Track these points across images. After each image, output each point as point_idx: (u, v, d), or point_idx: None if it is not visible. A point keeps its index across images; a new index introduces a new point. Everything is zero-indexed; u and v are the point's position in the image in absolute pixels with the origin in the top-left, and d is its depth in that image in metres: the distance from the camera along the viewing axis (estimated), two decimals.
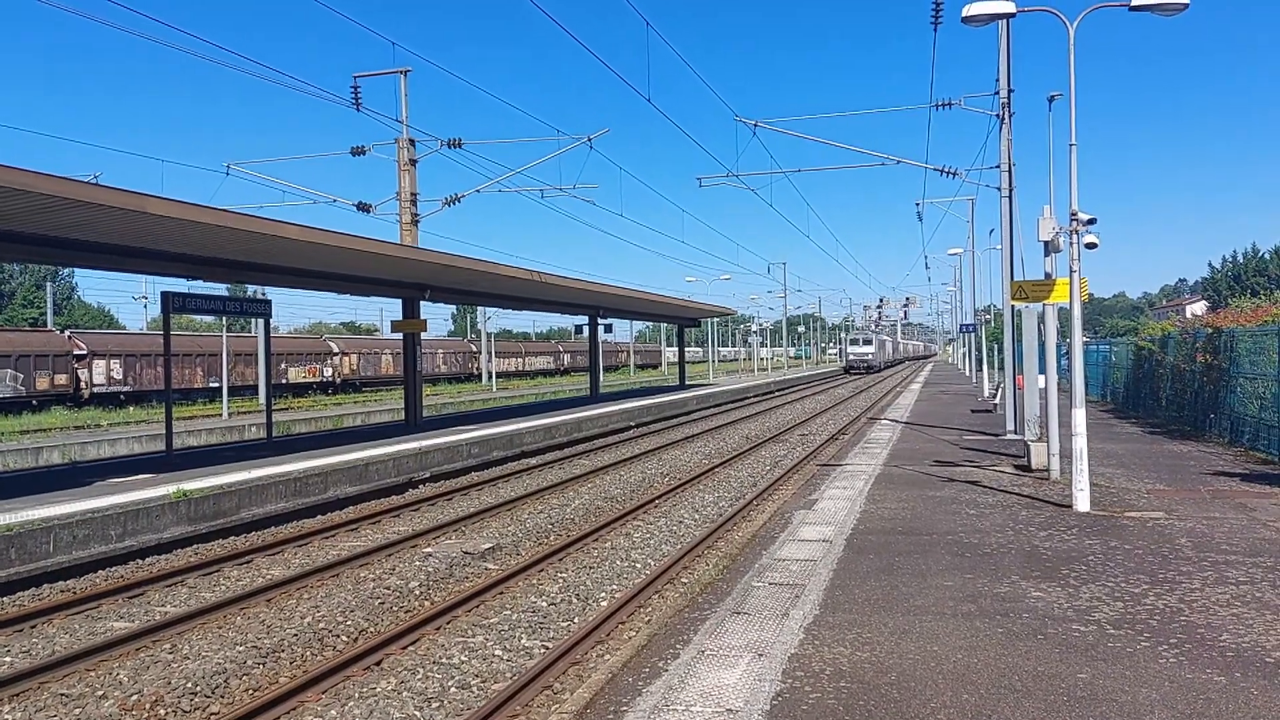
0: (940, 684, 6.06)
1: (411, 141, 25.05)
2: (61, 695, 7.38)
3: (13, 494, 13.54)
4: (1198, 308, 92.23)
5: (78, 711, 7.07)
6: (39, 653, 8.47)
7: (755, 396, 49.29)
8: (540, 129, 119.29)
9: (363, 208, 26.47)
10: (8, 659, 8.35)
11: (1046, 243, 13.65)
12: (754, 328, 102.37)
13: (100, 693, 7.40)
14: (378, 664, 7.91)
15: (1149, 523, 11.20)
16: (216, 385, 46.12)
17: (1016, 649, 6.72)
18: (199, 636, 8.81)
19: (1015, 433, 20.88)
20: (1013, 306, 20.99)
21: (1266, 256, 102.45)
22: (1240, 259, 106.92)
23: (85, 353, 43.73)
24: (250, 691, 7.41)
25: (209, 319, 66.43)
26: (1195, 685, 5.96)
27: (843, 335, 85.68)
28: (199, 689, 7.34)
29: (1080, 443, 12.00)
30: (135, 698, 7.21)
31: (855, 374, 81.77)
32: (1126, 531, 10.72)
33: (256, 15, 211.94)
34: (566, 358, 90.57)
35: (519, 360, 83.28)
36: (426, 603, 9.89)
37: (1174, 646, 6.72)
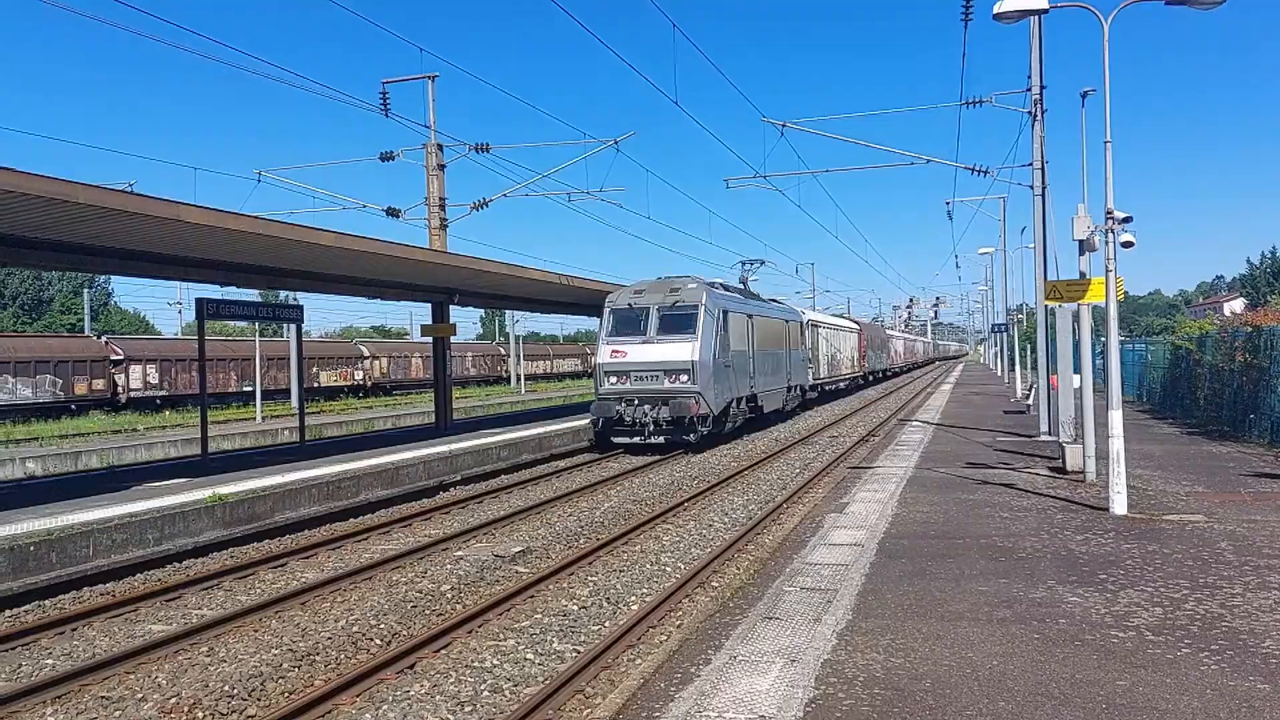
0: (976, 691, 6.00)
1: (439, 146, 25.21)
2: (102, 698, 7.51)
3: (53, 498, 13.80)
4: (1236, 305, 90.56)
5: (118, 714, 7.17)
6: (80, 655, 8.62)
7: None
8: (567, 133, 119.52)
9: (392, 213, 26.68)
10: (50, 661, 8.50)
11: (1081, 241, 13.47)
12: None
13: (140, 695, 7.50)
14: (411, 667, 7.96)
15: (1188, 526, 11.01)
16: (250, 389, 46.72)
17: (1053, 655, 6.63)
18: (235, 639, 8.92)
19: (1049, 434, 20.64)
20: (1046, 306, 20.77)
21: None
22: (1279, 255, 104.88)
23: (122, 358, 44.47)
24: (286, 695, 7.49)
25: (242, 324, 67.24)
26: (1238, 693, 5.85)
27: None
28: (236, 692, 7.43)
29: (1117, 444, 11.84)
30: (174, 700, 7.31)
31: (632, 438, 22.46)
32: (1165, 535, 10.55)
33: (286, 23, 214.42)
34: None
35: (547, 363, 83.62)
36: (458, 606, 9.94)
37: (1216, 653, 6.60)
